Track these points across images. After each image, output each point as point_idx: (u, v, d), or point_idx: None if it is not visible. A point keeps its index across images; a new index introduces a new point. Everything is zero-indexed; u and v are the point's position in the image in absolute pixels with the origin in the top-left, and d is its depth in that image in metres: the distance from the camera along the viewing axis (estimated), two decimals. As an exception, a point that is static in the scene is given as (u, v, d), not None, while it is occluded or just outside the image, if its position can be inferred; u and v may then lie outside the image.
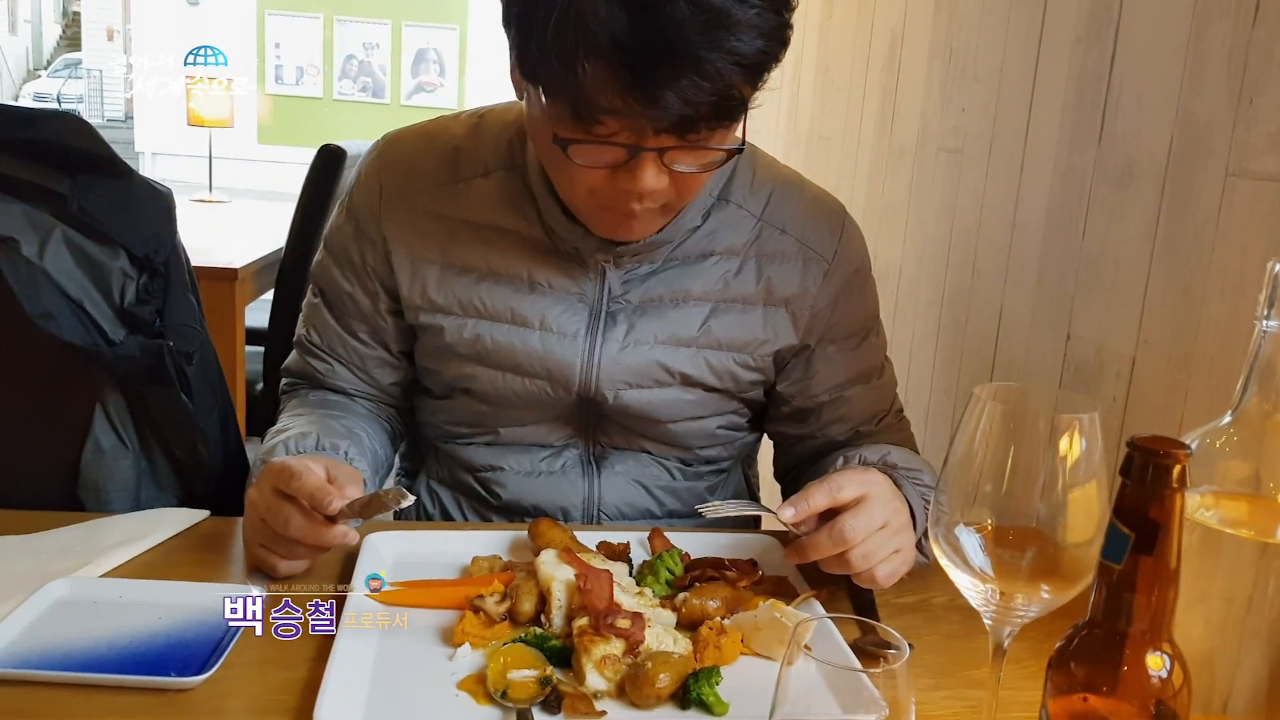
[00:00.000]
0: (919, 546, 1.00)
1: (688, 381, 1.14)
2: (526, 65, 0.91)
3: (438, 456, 1.24)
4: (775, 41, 0.88)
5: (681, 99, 0.85)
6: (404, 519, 1.24)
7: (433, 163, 1.13)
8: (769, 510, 1.00)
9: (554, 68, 0.86)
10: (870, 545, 0.93)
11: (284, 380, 1.23)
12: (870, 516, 0.94)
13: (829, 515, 0.95)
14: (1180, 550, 0.60)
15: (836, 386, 1.18)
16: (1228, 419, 0.69)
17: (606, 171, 0.93)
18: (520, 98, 1.00)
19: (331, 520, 0.91)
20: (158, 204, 1.16)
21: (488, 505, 1.21)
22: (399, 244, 1.12)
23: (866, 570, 0.94)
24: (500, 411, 1.15)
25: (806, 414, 1.19)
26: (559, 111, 0.89)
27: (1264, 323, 0.67)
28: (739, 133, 0.96)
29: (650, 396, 1.13)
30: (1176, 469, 0.59)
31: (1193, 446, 0.69)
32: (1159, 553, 0.59)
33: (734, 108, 0.89)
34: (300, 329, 1.21)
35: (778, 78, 0.94)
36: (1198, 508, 0.69)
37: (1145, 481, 0.59)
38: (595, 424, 1.17)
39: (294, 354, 1.22)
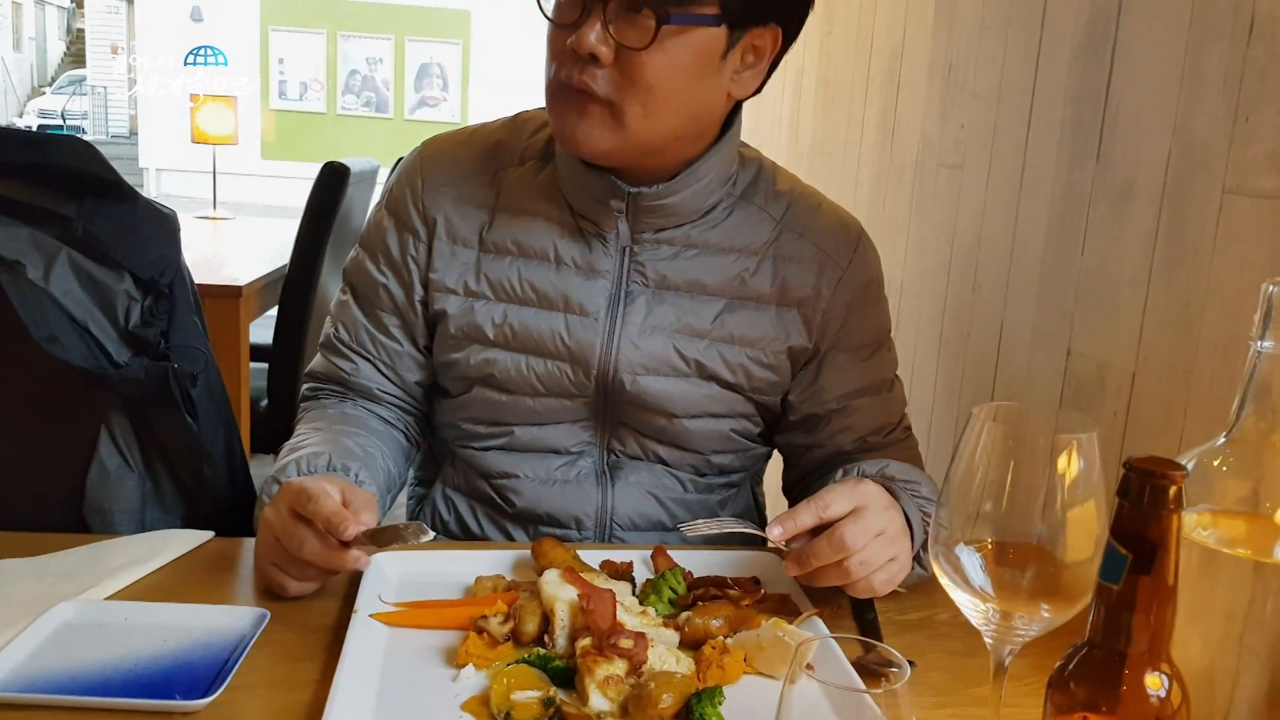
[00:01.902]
0: (917, 558, 1.01)
1: (702, 372, 1.16)
2: None
3: (454, 464, 1.25)
4: None
5: None
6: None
7: (474, 155, 1.19)
8: (756, 530, 1.00)
9: None
10: (868, 553, 0.94)
11: (306, 385, 1.25)
12: (867, 525, 0.95)
13: (818, 533, 0.95)
14: (1177, 570, 0.60)
15: (845, 395, 1.20)
16: (1222, 439, 0.70)
17: (564, 38, 1.00)
18: None
19: (346, 545, 0.92)
20: (162, 226, 1.18)
21: (502, 513, 1.22)
22: (441, 228, 1.17)
23: (864, 578, 0.95)
24: (518, 402, 1.17)
25: (815, 422, 1.21)
26: None
27: (1259, 343, 0.67)
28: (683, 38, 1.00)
29: (667, 385, 1.15)
30: (1173, 490, 0.59)
31: (1189, 467, 0.69)
32: (1156, 573, 0.60)
33: None
34: (327, 328, 1.24)
35: (779, 90, 0.95)
36: (1195, 527, 0.69)
37: (1142, 502, 0.59)
38: (612, 423, 1.18)
39: (319, 357, 1.25)
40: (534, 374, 1.15)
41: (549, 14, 1.03)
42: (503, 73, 14.43)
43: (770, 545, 0.97)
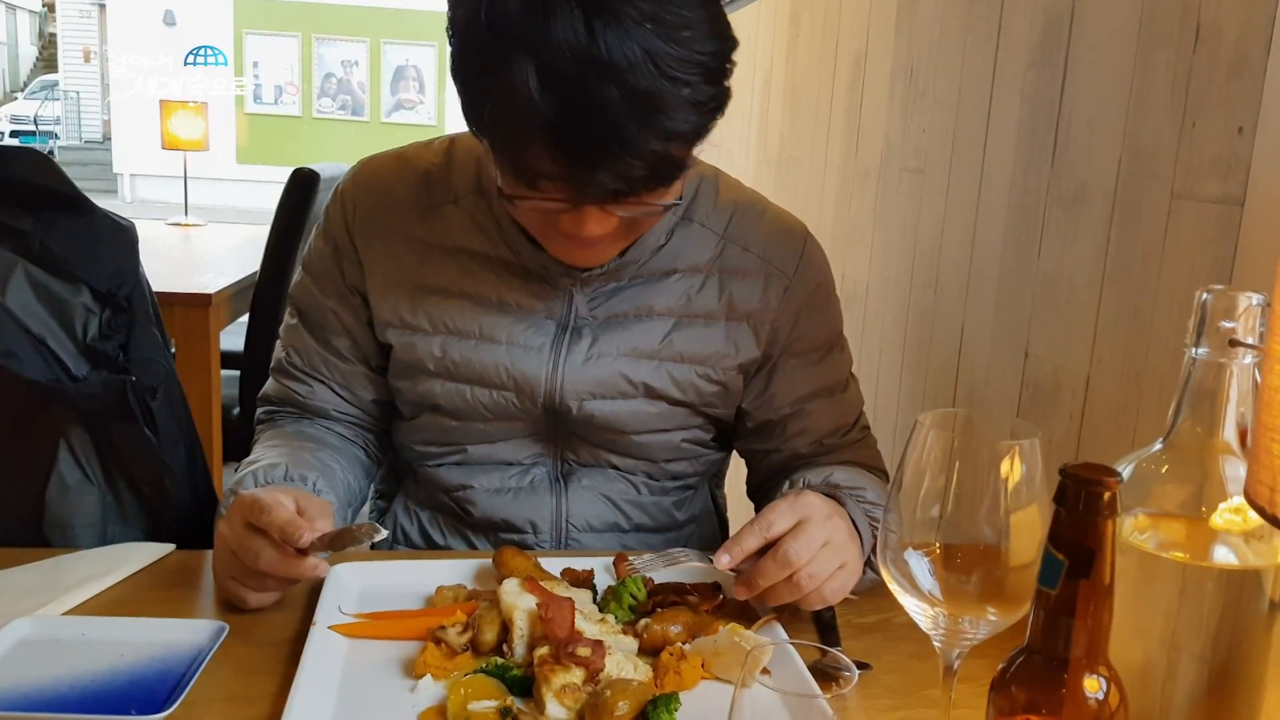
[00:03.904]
0: (869, 563, 1.01)
1: (650, 393, 1.16)
2: (471, 123, 0.94)
3: (415, 478, 1.25)
4: (710, 111, 0.90)
5: (614, 175, 0.88)
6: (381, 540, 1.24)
7: (406, 187, 1.16)
8: (707, 560, 0.99)
9: (494, 136, 0.90)
10: (815, 565, 0.94)
11: (261, 409, 1.24)
12: (810, 537, 0.94)
13: (765, 553, 0.95)
14: (1114, 574, 0.61)
15: (799, 399, 1.20)
16: (1159, 445, 0.71)
17: (555, 214, 0.96)
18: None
19: (302, 553, 0.92)
20: (120, 239, 1.17)
21: (463, 523, 1.22)
22: (372, 263, 1.15)
23: (815, 589, 0.95)
24: (468, 426, 1.17)
25: (770, 427, 1.21)
26: (504, 167, 0.93)
27: (1193, 350, 0.68)
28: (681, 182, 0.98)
29: (615, 407, 1.15)
30: (1107, 495, 0.60)
31: (1127, 473, 0.71)
32: (1093, 577, 0.61)
33: (671, 172, 0.92)
34: (278, 353, 1.22)
35: (748, 95, 0.96)
36: (1133, 531, 0.70)
37: (1077, 509, 0.60)
38: (563, 439, 1.19)
39: (271, 381, 1.23)
40: (480, 402, 1.15)
41: (530, 211, 0.98)
42: (479, 75, 14.36)
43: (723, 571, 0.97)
